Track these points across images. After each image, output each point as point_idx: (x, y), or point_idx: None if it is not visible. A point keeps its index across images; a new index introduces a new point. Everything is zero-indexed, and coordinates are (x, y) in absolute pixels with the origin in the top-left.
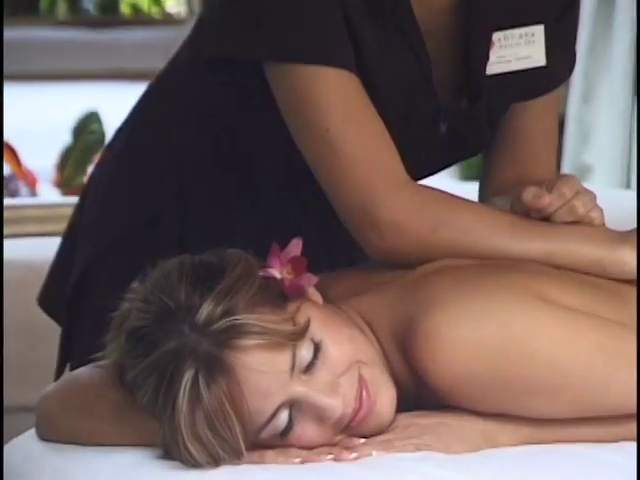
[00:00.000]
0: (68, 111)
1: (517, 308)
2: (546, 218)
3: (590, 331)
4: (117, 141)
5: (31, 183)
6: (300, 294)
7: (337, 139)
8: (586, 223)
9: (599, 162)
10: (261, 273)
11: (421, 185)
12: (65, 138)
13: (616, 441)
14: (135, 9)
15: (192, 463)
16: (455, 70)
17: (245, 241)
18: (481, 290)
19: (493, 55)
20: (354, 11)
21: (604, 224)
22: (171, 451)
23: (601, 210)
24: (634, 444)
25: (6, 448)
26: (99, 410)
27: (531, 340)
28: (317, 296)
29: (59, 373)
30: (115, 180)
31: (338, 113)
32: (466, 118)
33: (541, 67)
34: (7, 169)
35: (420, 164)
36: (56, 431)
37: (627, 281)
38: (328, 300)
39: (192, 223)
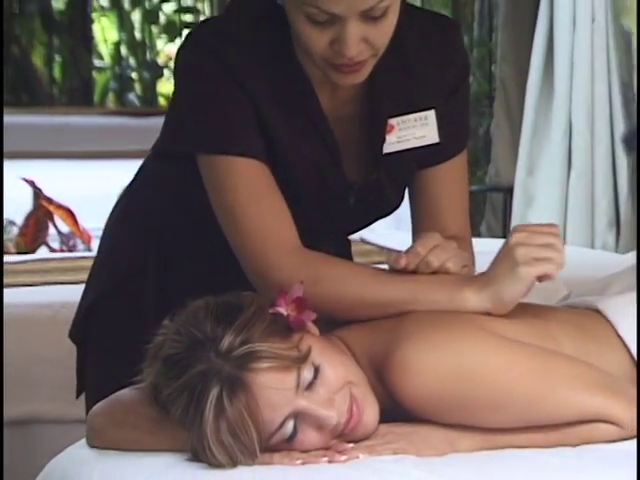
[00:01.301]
0: (115, 182)
1: (468, 340)
2: (414, 272)
3: (526, 357)
4: (115, 208)
5: (86, 240)
6: (302, 327)
7: (240, 215)
8: (443, 272)
9: (541, 221)
10: (271, 310)
11: (306, 250)
12: (112, 204)
13: (554, 445)
14: (169, 100)
15: (215, 464)
16: (361, 149)
17: (211, 286)
18: (439, 328)
19: (394, 136)
20: (265, 105)
21: (459, 270)
22: (198, 454)
23: (459, 259)
24: (571, 448)
25: (62, 454)
26: (137, 422)
27: (480, 366)
28: (315, 329)
29: (79, 391)
30: (111, 240)
31: (243, 195)
32: (372, 190)
33: (434, 144)
34: (67, 228)
35: (334, 228)
36: (102, 440)
37: (556, 319)
38: (324, 333)
39: (170, 274)
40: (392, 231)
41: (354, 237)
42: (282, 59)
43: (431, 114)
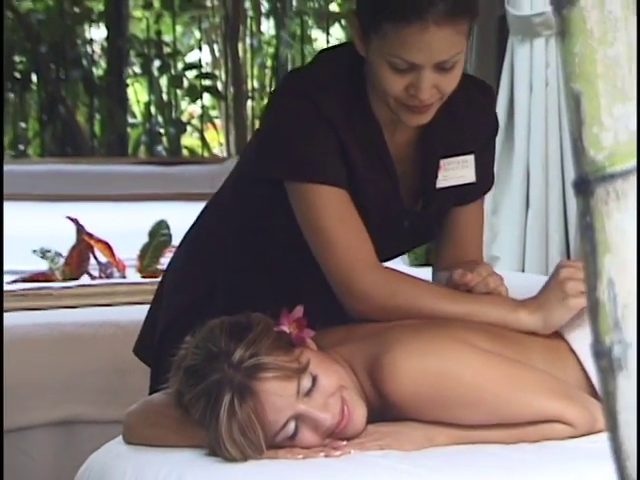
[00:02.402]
0: (147, 220)
1: (447, 349)
2: (469, 290)
3: (495, 364)
4: (185, 239)
5: (121, 269)
6: (302, 343)
7: (329, 235)
8: (496, 294)
9: (503, 254)
10: (276, 329)
11: (385, 267)
12: (144, 238)
13: (517, 441)
14: (192, 152)
15: (229, 458)
16: (415, 184)
17: (265, 306)
18: (424, 337)
19: (440, 174)
20: (347, 142)
21: (508, 294)
22: (215, 450)
23: (506, 287)
24: (532, 444)
25: (101, 450)
26: (165, 423)
27: (457, 371)
28: (313, 345)
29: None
30: (183, 266)
31: (330, 217)
32: (421, 218)
33: (472, 183)
34: (105, 259)
35: (390, 248)
36: (136, 437)
37: (530, 332)
38: (320, 347)
39: (235, 295)
40: (400, 263)
41: None
42: (358, 104)
43: (471, 158)
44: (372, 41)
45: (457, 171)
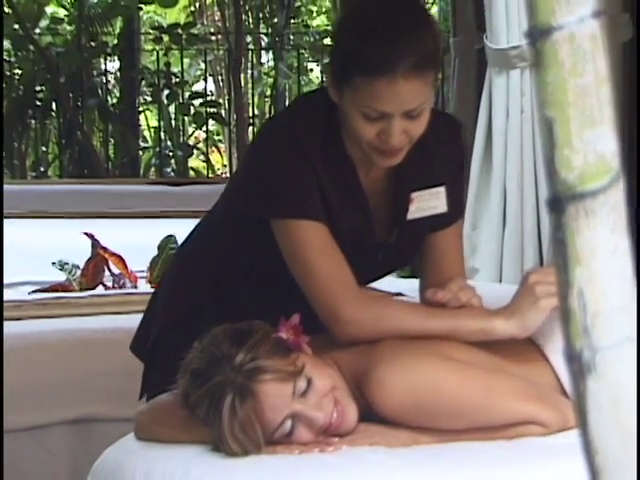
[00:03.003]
0: (156, 235)
1: (429, 364)
2: (444, 306)
3: (474, 376)
4: (179, 253)
5: (133, 280)
6: (298, 348)
7: (313, 266)
8: (469, 306)
9: (482, 267)
10: (274, 335)
11: (367, 292)
12: (154, 252)
13: (494, 439)
14: (198, 173)
15: (231, 454)
16: (389, 216)
17: (256, 315)
18: (408, 354)
19: (413, 207)
20: (324, 181)
21: (481, 305)
22: (218, 446)
23: (479, 297)
24: (509, 441)
25: (114, 445)
26: (172, 421)
27: (439, 384)
28: (308, 350)
29: (142, 395)
30: (176, 279)
31: (312, 249)
32: (395, 248)
33: (443, 212)
34: (118, 271)
35: (367, 276)
36: (146, 434)
37: (501, 345)
38: (314, 352)
39: (225, 309)
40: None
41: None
42: (334, 145)
43: (442, 190)
44: (345, 92)
45: (429, 202)
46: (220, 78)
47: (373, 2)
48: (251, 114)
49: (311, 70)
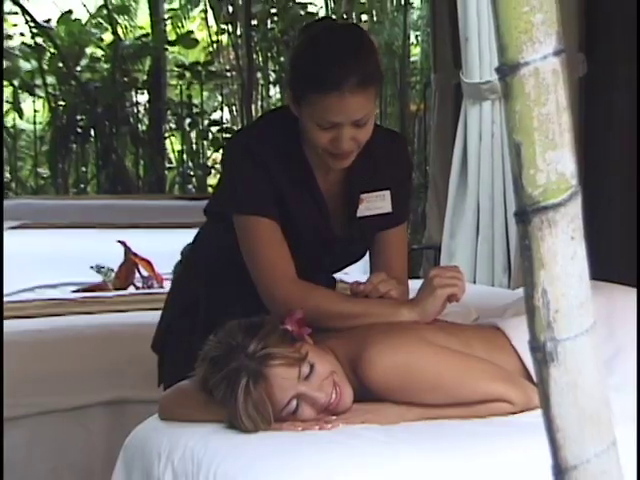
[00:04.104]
0: (180, 243)
1: (413, 346)
2: (366, 296)
3: (451, 357)
4: (180, 260)
5: (160, 281)
6: (302, 338)
7: (259, 256)
8: (388, 297)
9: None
10: (281, 327)
11: (301, 280)
12: (177, 257)
13: (470, 416)
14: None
15: (244, 430)
16: (343, 215)
17: (242, 310)
18: (395, 337)
19: (363, 206)
20: (283, 185)
21: (399, 296)
22: (233, 424)
23: (399, 290)
24: (483, 419)
25: (142, 424)
26: (192, 403)
27: (421, 363)
28: (310, 339)
29: (159, 383)
30: (176, 281)
31: (261, 242)
32: (349, 242)
33: (388, 213)
34: (147, 273)
35: (326, 264)
36: (169, 415)
37: (470, 333)
38: (314, 341)
39: (215, 305)
40: (362, 275)
41: (336, 277)
42: (293, 152)
43: (387, 193)
44: (302, 107)
45: (376, 203)
46: (235, 108)
47: (323, 35)
48: None
49: None
